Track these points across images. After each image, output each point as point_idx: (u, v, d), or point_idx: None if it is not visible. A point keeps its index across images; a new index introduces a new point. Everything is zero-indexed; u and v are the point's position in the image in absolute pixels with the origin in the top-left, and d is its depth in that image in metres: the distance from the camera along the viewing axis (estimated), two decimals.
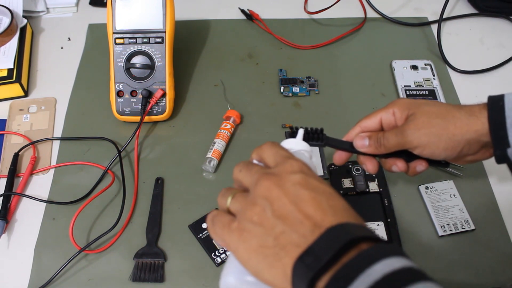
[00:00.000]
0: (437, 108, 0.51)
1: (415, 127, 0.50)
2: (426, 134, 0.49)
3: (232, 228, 0.37)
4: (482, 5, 0.89)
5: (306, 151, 0.46)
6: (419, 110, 0.51)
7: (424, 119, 0.50)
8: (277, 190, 0.36)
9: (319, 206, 0.35)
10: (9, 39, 0.80)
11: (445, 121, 0.49)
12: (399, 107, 0.53)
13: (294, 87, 0.78)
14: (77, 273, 0.60)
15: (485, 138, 0.49)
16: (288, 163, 0.38)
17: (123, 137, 0.71)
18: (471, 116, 0.49)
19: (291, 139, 0.48)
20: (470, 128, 0.48)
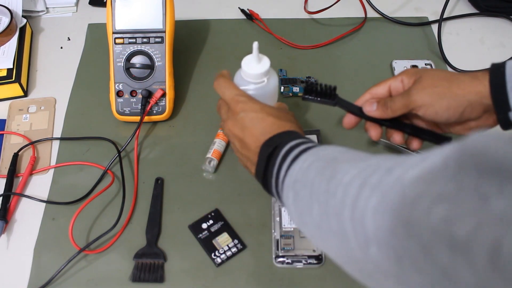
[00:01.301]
0: (443, 72, 0.54)
1: (421, 87, 0.52)
2: (430, 94, 0.52)
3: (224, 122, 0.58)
4: (482, 5, 0.89)
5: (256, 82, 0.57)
6: (425, 74, 0.53)
7: (429, 80, 0.52)
8: (232, 127, 0.55)
9: (253, 133, 0.53)
10: (9, 39, 0.80)
11: (449, 82, 0.51)
12: (407, 74, 0.56)
13: (294, 87, 0.77)
14: (77, 274, 0.59)
15: (487, 101, 0.50)
16: (234, 108, 0.55)
17: (123, 137, 0.71)
18: (474, 79, 0.51)
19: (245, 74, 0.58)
20: (472, 89, 0.50)
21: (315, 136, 0.72)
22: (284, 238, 0.61)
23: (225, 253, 0.61)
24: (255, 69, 0.56)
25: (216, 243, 0.61)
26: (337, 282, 0.59)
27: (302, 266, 0.59)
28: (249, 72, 0.56)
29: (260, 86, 0.57)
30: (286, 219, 0.63)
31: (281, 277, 0.59)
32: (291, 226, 0.62)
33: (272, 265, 0.60)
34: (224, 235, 0.62)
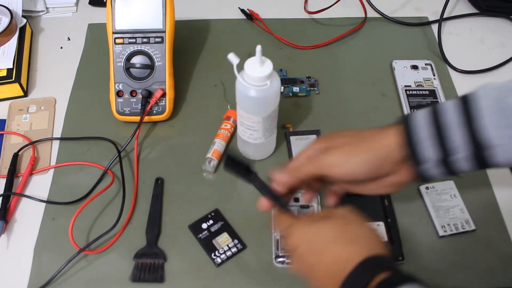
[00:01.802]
0: (351, 131, 0.52)
1: (329, 150, 0.50)
2: (338, 154, 0.50)
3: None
4: (482, 5, 0.89)
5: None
6: (334, 138, 0.52)
7: (338, 141, 0.51)
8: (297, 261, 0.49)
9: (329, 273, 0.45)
10: (9, 39, 0.80)
11: (357, 140, 0.49)
12: (319, 142, 0.53)
13: (294, 87, 0.77)
14: (77, 274, 0.59)
15: (397, 155, 0.47)
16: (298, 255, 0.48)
17: (123, 137, 0.71)
18: (380, 134, 0.49)
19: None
20: (380, 144, 0.48)
21: (315, 136, 0.72)
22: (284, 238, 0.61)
23: (225, 253, 0.60)
24: (258, 72, 0.56)
25: (216, 243, 0.61)
26: None
27: None
28: (252, 75, 0.56)
29: (263, 89, 0.57)
30: None
31: (281, 277, 0.59)
32: None
33: (272, 265, 0.60)
34: (224, 235, 0.62)
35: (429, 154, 0.45)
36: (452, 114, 0.44)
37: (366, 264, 0.43)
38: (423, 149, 0.45)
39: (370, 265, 0.43)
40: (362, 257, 0.43)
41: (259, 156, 0.70)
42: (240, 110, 0.62)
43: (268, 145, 0.68)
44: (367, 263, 0.43)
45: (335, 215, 0.48)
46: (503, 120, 0.42)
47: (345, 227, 0.46)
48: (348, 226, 0.47)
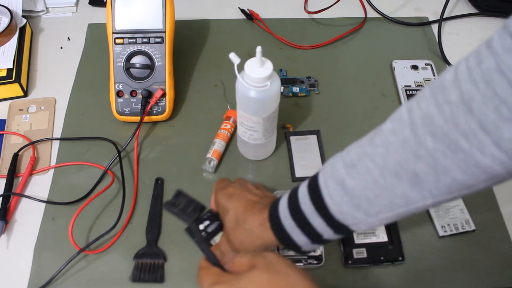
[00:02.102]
0: (229, 220, 0.53)
1: (227, 242, 0.53)
2: (236, 249, 0.52)
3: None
4: (483, 5, 0.89)
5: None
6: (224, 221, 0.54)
7: (227, 235, 0.53)
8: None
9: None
10: (9, 39, 0.80)
11: (240, 239, 0.51)
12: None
13: (294, 87, 0.77)
14: (77, 274, 0.59)
15: (274, 246, 0.51)
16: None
17: (123, 137, 0.71)
18: (252, 233, 0.50)
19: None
20: (258, 242, 0.50)
21: (315, 136, 0.72)
22: None
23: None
24: (258, 73, 0.56)
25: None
26: (337, 282, 0.59)
27: (302, 266, 0.59)
28: (253, 76, 0.56)
29: (263, 89, 0.57)
30: None
31: None
32: None
33: None
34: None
35: (302, 240, 0.47)
36: (308, 204, 0.46)
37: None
38: (295, 237, 0.47)
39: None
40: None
41: (259, 157, 0.70)
42: (240, 111, 0.62)
43: (268, 145, 0.68)
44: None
45: (258, 265, 0.43)
46: (349, 203, 0.43)
47: (271, 279, 0.42)
48: (274, 277, 0.42)
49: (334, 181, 0.44)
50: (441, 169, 0.37)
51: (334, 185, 0.44)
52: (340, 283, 0.59)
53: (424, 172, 0.38)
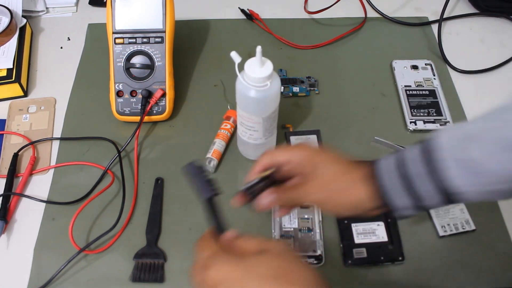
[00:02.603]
0: (328, 169, 0.51)
1: (309, 192, 0.51)
2: (315, 200, 0.51)
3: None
4: (482, 5, 0.89)
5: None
6: (311, 175, 0.51)
7: (314, 182, 0.50)
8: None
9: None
10: (9, 39, 0.80)
11: (331, 189, 0.50)
12: (299, 153, 0.52)
13: (294, 87, 0.77)
14: (77, 274, 0.59)
15: (368, 205, 0.49)
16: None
17: (123, 137, 0.71)
18: (353, 187, 0.49)
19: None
20: (354, 199, 0.49)
21: (315, 136, 0.72)
22: (284, 238, 0.61)
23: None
24: (258, 73, 0.56)
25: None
26: (337, 282, 0.59)
27: None
28: (253, 76, 0.56)
29: (263, 89, 0.57)
30: (286, 219, 0.63)
31: None
32: (291, 226, 0.62)
33: None
34: None
35: (402, 203, 0.46)
36: (418, 165, 0.45)
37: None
38: (396, 199, 0.47)
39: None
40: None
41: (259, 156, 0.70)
42: (240, 111, 0.62)
43: (268, 145, 0.68)
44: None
45: (271, 250, 0.41)
46: (467, 170, 0.43)
47: (284, 266, 0.40)
48: (287, 265, 0.40)
49: (452, 149, 0.43)
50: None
51: (451, 153, 0.43)
52: (340, 283, 0.59)
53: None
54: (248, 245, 0.43)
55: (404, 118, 0.74)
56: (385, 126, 0.73)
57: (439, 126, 0.72)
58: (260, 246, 0.42)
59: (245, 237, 0.44)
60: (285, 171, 0.52)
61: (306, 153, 0.52)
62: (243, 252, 0.42)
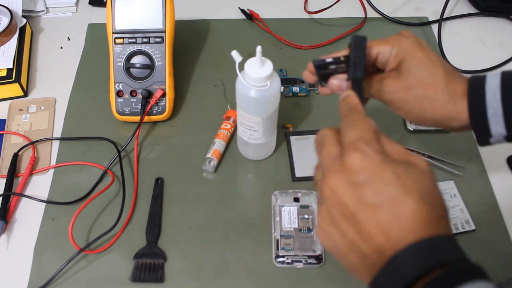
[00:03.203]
0: (425, 71, 0.47)
1: (393, 89, 0.47)
2: (400, 100, 0.48)
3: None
4: (482, 5, 0.89)
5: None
6: (409, 64, 0.47)
7: (406, 81, 0.47)
8: (339, 189, 0.36)
9: (382, 222, 0.34)
10: (9, 39, 0.80)
11: (423, 95, 0.46)
12: (398, 46, 0.49)
13: (294, 87, 0.77)
14: (77, 274, 0.59)
15: (457, 124, 0.47)
16: (349, 161, 0.36)
17: (123, 137, 0.71)
18: (450, 100, 0.46)
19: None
20: (444, 112, 0.46)
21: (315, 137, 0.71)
22: (284, 238, 0.61)
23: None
24: (258, 73, 0.56)
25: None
26: (337, 282, 0.59)
27: (302, 266, 0.59)
28: (253, 76, 0.56)
29: (263, 89, 0.57)
30: (286, 219, 0.63)
31: (281, 277, 0.59)
32: (291, 226, 0.62)
33: (272, 265, 0.60)
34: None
35: (498, 130, 0.44)
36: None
37: (440, 242, 0.33)
38: (493, 127, 0.44)
39: (443, 246, 0.34)
40: (438, 232, 0.34)
41: (259, 157, 0.70)
42: (240, 111, 0.62)
43: (268, 145, 0.68)
44: (441, 242, 0.34)
45: (419, 166, 0.36)
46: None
47: (430, 187, 0.36)
48: (432, 187, 0.36)
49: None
50: None
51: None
52: (340, 283, 0.59)
53: None
54: (394, 149, 0.38)
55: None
56: (385, 126, 0.73)
57: None
58: (407, 157, 0.37)
59: (389, 138, 0.39)
60: (377, 63, 0.49)
61: (404, 42, 0.48)
62: (389, 153, 0.37)
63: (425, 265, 0.32)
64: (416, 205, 0.33)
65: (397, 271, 0.33)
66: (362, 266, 0.36)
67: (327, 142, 0.39)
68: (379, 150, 0.36)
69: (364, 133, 0.37)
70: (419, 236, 0.33)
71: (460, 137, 0.72)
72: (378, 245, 0.34)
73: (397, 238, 0.33)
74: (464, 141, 0.72)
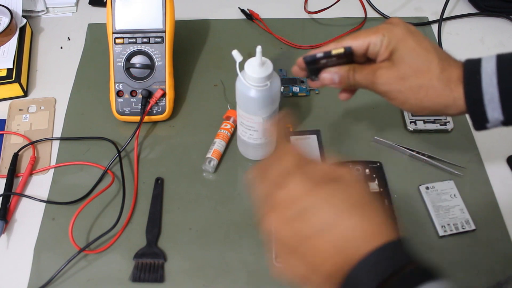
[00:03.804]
0: (419, 58, 0.46)
1: (387, 80, 0.47)
2: (395, 91, 0.47)
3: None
4: (482, 5, 0.89)
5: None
6: (401, 53, 0.46)
7: (399, 71, 0.46)
8: (281, 226, 0.37)
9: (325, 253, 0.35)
10: (9, 39, 0.80)
11: (418, 84, 0.46)
12: (389, 35, 0.48)
13: (294, 87, 0.77)
14: (77, 273, 0.59)
15: (454, 110, 0.46)
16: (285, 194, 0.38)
17: (123, 137, 0.71)
18: (445, 87, 0.45)
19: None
20: (440, 100, 0.46)
21: (315, 136, 0.72)
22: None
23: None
24: (258, 73, 0.56)
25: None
26: None
27: None
28: (253, 76, 0.56)
29: (263, 89, 0.57)
30: None
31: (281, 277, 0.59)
32: None
33: (272, 265, 0.60)
34: None
35: (495, 117, 0.44)
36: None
37: (388, 250, 0.34)
38: (489, 112, 0.43)
39: (391, 253, 0.34)
40: (383, 241, 0.35)
41: (259, 156, 0.70)
42: (240, 111, 0.62)
43: (268, 145, 0.68)
44: (389, 250, 0.34)
45: (345, 180, 0.37)
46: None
47: (360, 196, 0.37)
48: (362, 195, 0.37)
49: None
50: None
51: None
52: None
53: None
54: (319, 170, 0.38)
55: (404, 118, 0.74)
56: (385, 126, 0.73)
57: (439, 126, 0.72)
58: (332, 174, 0.38)
59: (311, 161, 0.39)
60: (368, 53, 0.48)
61: (394, 31, 0.47)
62: (316, 177, 0.38)
63: (377, 278, 0.33)
64: (351, 221, 0.34)
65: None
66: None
67: (258, 180, 0.40)
68: (303, 179, 0.37)
69: (287, 165, 0.38)
70: (363, 251, 0.33)
71: (460, 137, 0.72)
72: (327, 273, 0.35)
73: (343, 260, 0.34)
74: (464, 141, 0.72)
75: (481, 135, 0.72)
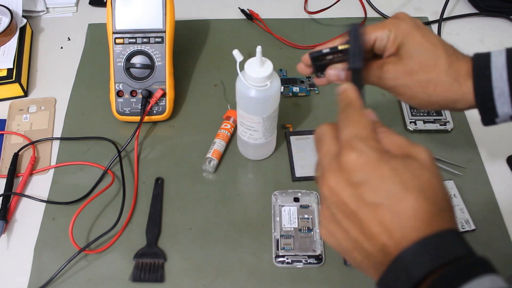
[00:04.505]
0: (426, 53, 0.46)
1: (395, 75, 0.46)
2: (403, 86, 0.47)
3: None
4: (482, 5, 0.89)
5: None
6: (408, 48, 0.46)
7: (407, 66, 0.46)
8: (338, 189, 0.36)
9: (384, 222, 0.33)
10: (9, 39, 0.80)
11: (426, 79, 0.45)
12: (395, 30, 0.47)
13: (294, 87, 0.77)
14: (77, 273, 0.59)
15: (462, 105, 0.46)
16: (345, 160, 0.36)
17: (123, 137, 0.71)
18: (454, 82, 0.45)
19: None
20: (449, 95, 0.45)
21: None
22: (284, 238, 0.61)
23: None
24: (258, 73, 0.56)
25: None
26: (337, 282, 0.59)
27: (302, 266, 0.59)
28: (253, 76, 0.56)
29: (263, 89, 0.57)
30: (286, 219, 0.63)
31: (281, 277, 0.59)
32: (291, 226, 0.62)
33: (272, 265, 0.60)
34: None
35: (504, 112, 0.43)
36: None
37: (437, 241, 0.32)
38: (499, 107, 0.43)
39: (437, 247, 0.32)
40: (444, 227, 0.33)
41: (259, 156, 0.70)
42: (240, 111, 0.62)
43: (268, 145, 0.68)
44: (434, 242, 0.32)
45: (419, 159, 0.35)
46: None
47: (431, 181, 0.34)
48: (433, 181, 0.34)
49: None
50: None
51: None
52: (340, 283, 0.59)
53: None
54: (393, 143, 0.37)
55: (404, 118, 0.74)
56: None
57: (439, 126, 0.72)
58: (407, 150, 0.36)
59: (388, 130, 0.38)
60: (375, 48, 0.48)
61: (402, 25, 0.47)
62: (387, 148, 0.36)
63: (431, 263, 0.32)
64: (416, 201, 0.33)
65: (403, 270, 0.32)
66: (368, 264, 0.35)
67: (325, 140, 0.38)
68: (375, 148, 0.35)
69: (360, 130, 0.36)
70: (422, 233, 0.33)
71: (460, 137, 0.72)
72: (381, 243, 0.34)
73: (400, 236, 0.33)
74: (464, 141, 0.72)
75: (481, 135, 0.72)
